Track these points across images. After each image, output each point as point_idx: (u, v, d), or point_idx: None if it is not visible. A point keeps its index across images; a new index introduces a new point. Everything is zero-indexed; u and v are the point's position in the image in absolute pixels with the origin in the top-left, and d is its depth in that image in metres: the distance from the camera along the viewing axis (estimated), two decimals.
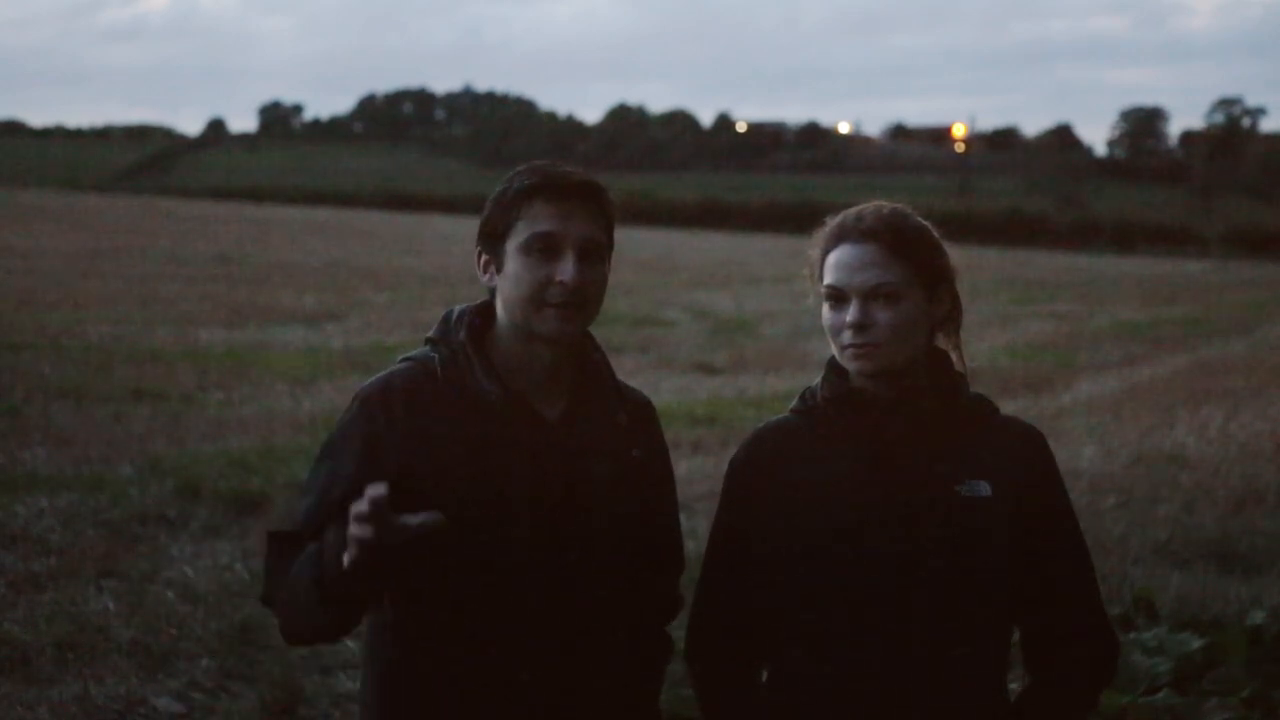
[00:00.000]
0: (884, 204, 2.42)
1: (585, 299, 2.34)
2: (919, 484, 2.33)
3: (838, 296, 2.35)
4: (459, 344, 2.38)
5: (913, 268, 2.34)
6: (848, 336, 2.33)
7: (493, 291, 2.42)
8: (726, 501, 2.48)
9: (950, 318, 2.44)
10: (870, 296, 2.32)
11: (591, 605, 2.38)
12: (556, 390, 2.40)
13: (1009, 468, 2.37)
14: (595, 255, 2.35)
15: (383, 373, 2.42)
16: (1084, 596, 2.42)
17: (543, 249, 2.31)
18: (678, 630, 2.59)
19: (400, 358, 2.45)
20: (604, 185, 2.39)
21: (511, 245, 2.34)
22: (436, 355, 2.39)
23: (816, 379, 2.48)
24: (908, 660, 2.31)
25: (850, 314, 2.32)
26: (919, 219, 2.41)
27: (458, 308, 2.45)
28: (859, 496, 2.34)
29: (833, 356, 2.40)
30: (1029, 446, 2.41)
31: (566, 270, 2.31)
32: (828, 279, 2.36)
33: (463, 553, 2.32)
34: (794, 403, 2.47)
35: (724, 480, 2.49)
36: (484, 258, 2.40)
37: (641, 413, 2.51)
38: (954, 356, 2.46)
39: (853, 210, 2.41)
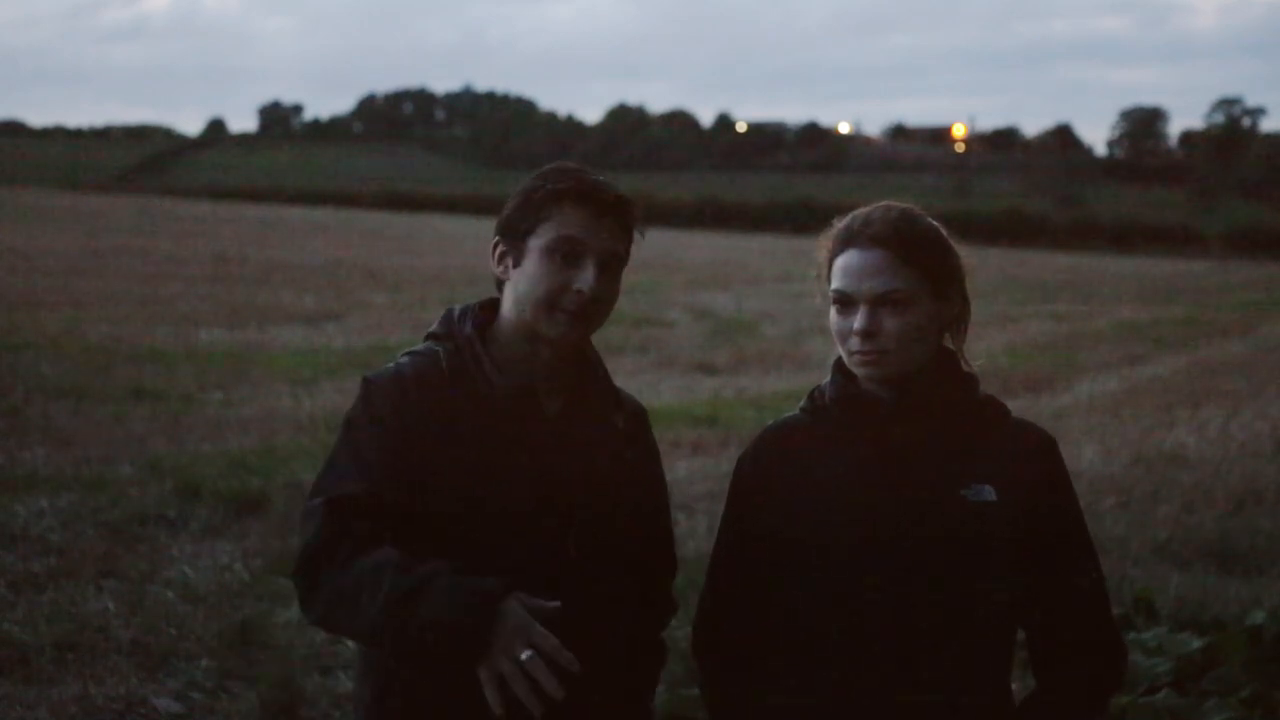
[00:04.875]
0: (893, 205, 2.38)
1: (597, 310, 2.35)
2: (924, 487, 2.32)
3: (845, 301, 2.33)
4: (465, 338, 2.38)
5: (921, 272, 2.32)
6: (855, 343, 2.31)
7: (500, 284, 2.42)
8: (733, 499, 2.48)
9: (960, 318, 2.42)
10: (878, 303, 2.30)
11: (587, 607, 2.38)
12: (557, 387, 2.41)
13: (1017, 472, 2.34)
14: (614, 268, 2.36)
15: (390, 364, 2.40)
16: (1092, 605, 2.40)
17: (566, 254, 2.32)
18: (681, 628, 2.59)
19: (403, 353, 2.43)
20: (634, 201, 2.39)
21: (534, 244, 2.33)
22: (441, 349, 2.39)
23: (816, 378, 2.47)
24: (910, 661, 2.30)
25: (857, 321, 2.31)
26: (929, 220, 2.37)
27: (459, 305, 2.45)
28: (864, 498, 2.33)
29: (839, 357, 2.39)
30: (1038, 451, 2.38)
31: (586, 279, 2.32)
32: (835, 284, 2.34)
33: (465, 544, 2.31)
34: (803, 402, 2.46)
35: (731, 478, 2.49)
36: (500, 249, 2.39)
37: (636, 418, 2.52)
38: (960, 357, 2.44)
39: (861, 212, 2.38)
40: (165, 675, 5.16)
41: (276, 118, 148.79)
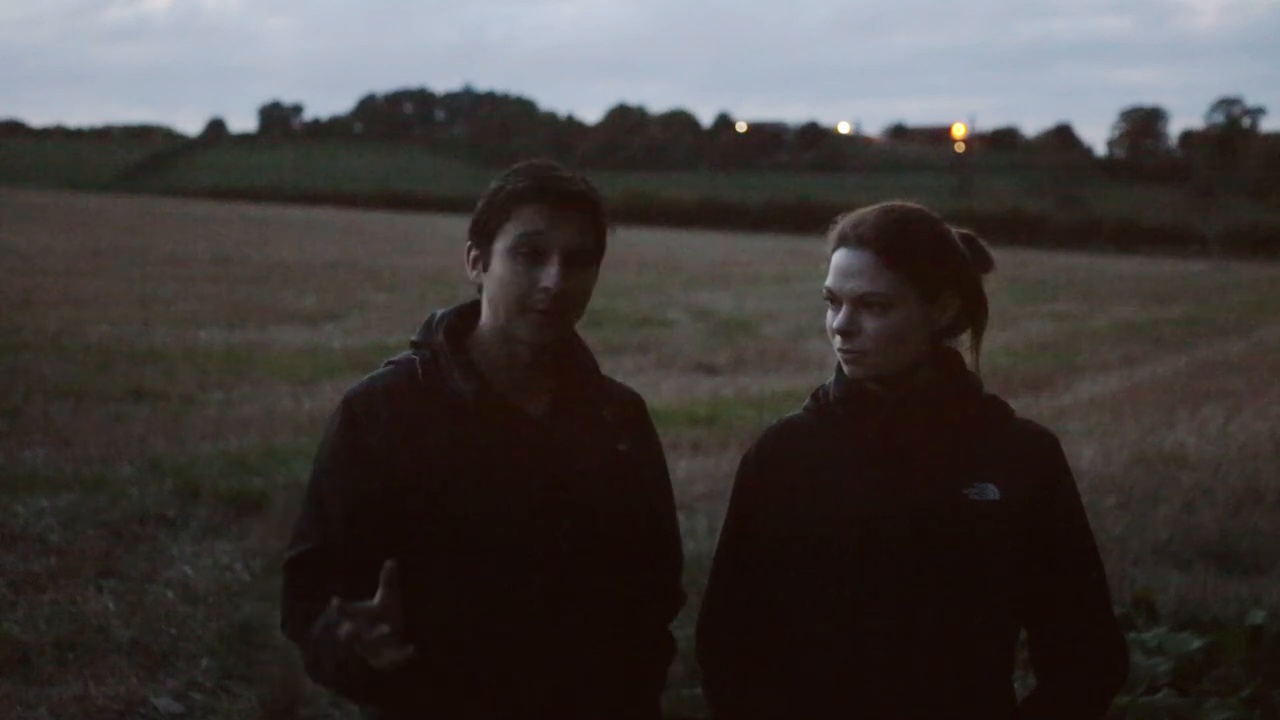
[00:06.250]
0: (895, 207, 2.36)
1: (567, 306, 2.34)
2: (926, 486, 2.32)
3: (832, 299, 2.35)
4: (438, 345, 2.39)
5: (907, 276, 2.31)
6: (838, 341, 2.33)
7: (479, 288, 2.42)
8: (737, 498, 2.48)
9: (960, 322, 2.41)
10: (858, 304, 2.31)
11: (587, 601, 2.38)
12: (540, 387, 2.41)
13: (1019, 472, 2.35)
14: (581, 262, 2.34)
15: (366, 377, 2.43)
16: (1093, 605, 2.40)
17: (529, 253, 2.31)
18: (684, 629, 2.59)
19: (385, 361, 2.46)
20: (597, 192, 2.37)
21: (499, 246, 2.33)
22: (418, 358, 2.40)
23: (816, 378, 2.47)
24: (912, 660, 2.30)
25: (837, 321, 2.32)
26: (932, 224, 2.36)
27: (440, 310, 2.45)
28: (867, 497, 2.33)
29: None
30: (1041, 451, 2.38)
31: (551, 276, 2.30)
32: (826, 281, 2.36)
33: (455, 551, 2.32)
34: (807, 401, 2.46)
35: (735, 477, 2.49)
36: (473, 253, 2.40)
37: (629, 409, 2.51)
38: (967, 359, 2.43)
39: (860, 211, 2.37)
40: (165, 675, 5.16)
41: (276, 118, 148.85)
